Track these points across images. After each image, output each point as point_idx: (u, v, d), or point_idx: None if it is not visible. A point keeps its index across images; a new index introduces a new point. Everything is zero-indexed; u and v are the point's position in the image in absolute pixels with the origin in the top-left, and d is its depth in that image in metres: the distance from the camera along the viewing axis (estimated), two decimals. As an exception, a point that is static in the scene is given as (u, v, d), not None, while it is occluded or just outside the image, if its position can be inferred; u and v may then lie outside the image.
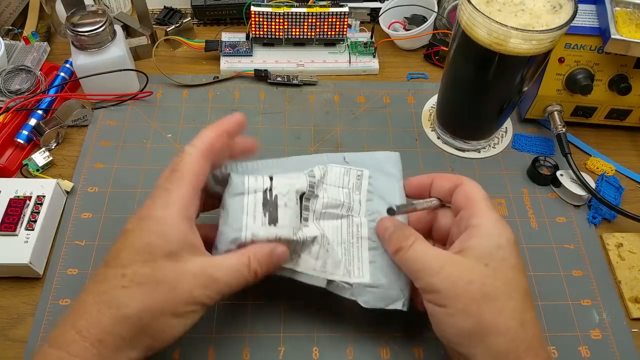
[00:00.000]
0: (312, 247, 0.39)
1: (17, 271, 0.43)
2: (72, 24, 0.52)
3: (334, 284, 0.39)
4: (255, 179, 0.39)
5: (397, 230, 0.37)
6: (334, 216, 0.40)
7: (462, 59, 0.48)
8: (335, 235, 0.40)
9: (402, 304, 0.38)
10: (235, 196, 0.38)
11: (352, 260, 0.39)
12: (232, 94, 0.60)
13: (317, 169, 0.41)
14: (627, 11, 0.49)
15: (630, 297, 0.45)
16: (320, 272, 0.39)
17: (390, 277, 0.38)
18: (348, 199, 0.41)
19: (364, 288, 0.38)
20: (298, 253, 0.38)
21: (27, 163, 0.50)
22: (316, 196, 0.40)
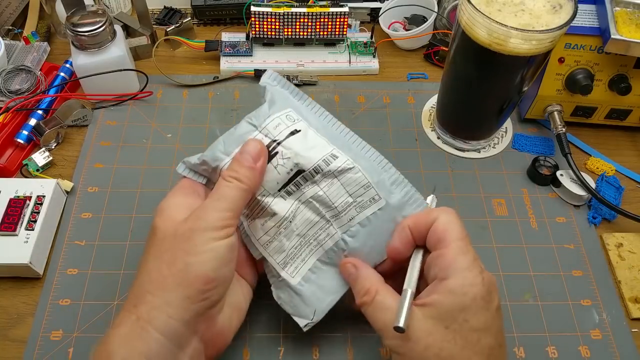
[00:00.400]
0: (268, 221, 0.37)
1: (17, 271, 0.43)
2: (72, 24, 0.52)
3: (267, 263, 0.38)
4: (278, 123, 0.37)
5: (360, 279, 0.36)
6: (315, 211, 0.37)
7: (462, 59, 0.48)
8: (302, 226, 0.37)
9: (305, 325, 0.38)
10: (247, 124, 0.38)
11: (296, 257, 0.38)
12: (232, 94, 0.60)
13: (343, 160, 0.37)
14: (627, 11, 0.49)
15: (630, 297, 0.45)
16: (260, 245, 0.38)
17: (315, 297, 0.38)
18: (342, 209, 0.37)
19: (286, 287, 0.38)
20: (253, 215, 0.37)
21: (27, 163, 0.51)
22: (315, 182, 0.37)
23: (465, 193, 0.52)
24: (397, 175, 0.38)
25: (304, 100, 0.40)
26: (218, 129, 0.56)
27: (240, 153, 0.36)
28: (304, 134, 0.37)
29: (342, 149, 0.38)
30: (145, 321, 0.31)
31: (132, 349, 0.30)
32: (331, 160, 0.37)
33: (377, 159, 0.39)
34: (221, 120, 0.57)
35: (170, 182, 0.51)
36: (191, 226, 0.33)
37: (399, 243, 0.36)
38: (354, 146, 0.39)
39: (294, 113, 0.38)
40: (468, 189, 0.52)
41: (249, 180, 0.35)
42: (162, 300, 0.31)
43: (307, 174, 0.37)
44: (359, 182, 0.37)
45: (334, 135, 0.39)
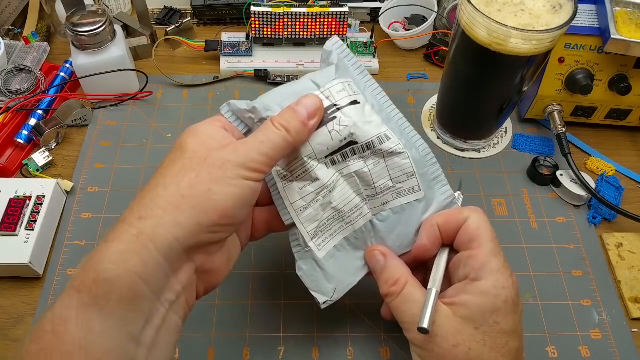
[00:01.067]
0: (307, 186, 0.35)
1: (17, 271, 0.43)
2: (72, 24, 0.52)
3: (294, 231, 0.36)
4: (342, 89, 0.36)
5: (388, 269, 0.35)
6: (355, 187, 0.36)
7: (462, 59, 0.48)
8: (339, 200, 0.36)
9: (324, 302, 0.36)
10: (310, 81, 0.36)
11: (326, 230, 0.36)
12: (232, 94, 0.60)
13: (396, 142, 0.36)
14: (627, 11, 0.49)
15: (630, 297, 0.45)
16: (293, 210, 0.36)
17: (337, 275, 0.37)
18: (381, 191, 0.36)
19: (311, 259, 0.36)
20: (293, 177, 0.35)
21: (27, 163, 0.51)
22: (363, 158, 0.36)
23: (466, 193, 0.52)
24: (440, 172, 0.38)
25: (364, 75, 0.39)
26: (218, 129, 0.56)
27: (296, 104, 0.33)
28: (363, 107, 0.36)
29: (394, 132, 0.37)
30: (148, 238, 0.28)
31: (126, 268, 0.27)
32: (385, 139, 0.36)
33: (425, 151, 0.38)
34: (221, 120, 0.57)
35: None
36: (226, 156, 0.30)
37: (427, 240, 0.36)
38: (405, 132, 0.38)
39: (354, 85, 0.37)
40: (468, 189, 0.52)
41: (296, 135, 0.32)
42: (172, 220, 0.28)
43: (359, 148, 0.35)
44: (404, 169, 0.36)
45: (388, 117, 0.38)
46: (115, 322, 0.26)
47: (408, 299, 0.34)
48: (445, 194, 0.38)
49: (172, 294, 0.29)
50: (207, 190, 0.29)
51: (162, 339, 0.29)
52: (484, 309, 0.31)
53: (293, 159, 0.35)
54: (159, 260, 0.28)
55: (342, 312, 0.43)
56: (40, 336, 0.26)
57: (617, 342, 0.43)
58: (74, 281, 0.27)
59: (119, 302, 0.26)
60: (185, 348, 0.41)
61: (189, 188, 0.29)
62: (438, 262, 0.35)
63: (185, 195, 0.29)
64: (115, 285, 0.26)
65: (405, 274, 0.35)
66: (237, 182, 0.30)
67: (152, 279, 0.28)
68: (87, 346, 0.25)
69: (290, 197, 0.36)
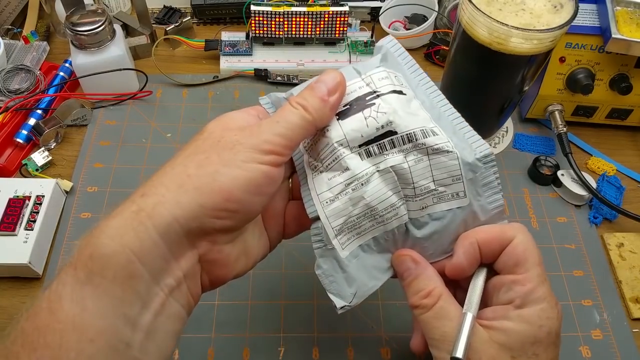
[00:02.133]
0: (337, 177, 0.32)
1: (17, 271, 0.43)
2: (72, 23, 0.52)
3: (318, 224, 0.33)
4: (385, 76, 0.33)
5: (421, 278, 0.32)
6: (392, 184, 0.32)
7: (463, 58, 0.47)
8: (373, 196, 0.32)
9: (341, 307, 0.33)
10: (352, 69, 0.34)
11: (354, 228, 0.33)
12: (232, 93, 0.60)
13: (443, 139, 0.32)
14: (628, 10, 0.49)
15: (631, 297, 0.45)
16: (319, 203, 0.32)
17: (359, 277, 0.33)
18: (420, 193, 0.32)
19: (333, 258, 0.33)
20: (323, 166, 0.32)
21: (26, 163, 0.50)
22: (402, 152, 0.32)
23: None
24: (494, 177, 0.33)
25: (417, 73, 0.36)
26: (218, 128, 0.56)
27: (315, 81, 0.31)
28: (408, 100, 0.33)
29: (445, 130, 0.33)
30: (146, 215, 0.26)
31: (122, 244, 0.25)
32: (430, 134, 0.31)
33: (483, 152, 0.33)
34: (221, 120, 0.56)
35: (170, 181, 0.51)
36: (238, 138, 0.29)
37: (465, 260, 0.32)
38: (460, 132, 0.34)
39: (403, 79, 0.34)
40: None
41: (315, 112, 0.30)
42: (173, 198, 0.27)
43: (398, 139, 0.31)
44: (450, 171, 0.32)
45: (439, 115, 0.34)
46: (110, 301, 0.25)
47: (441, 315, 0.30)
48: (495, 202, 0.33)
49: (172, 279, 0.28)
50: (214, 171, 0.28)
51: (162, 326, 0.27)
52: (525, 338, 0.29)
53: (324, 146, 0.32)
54: (156, 239, 0.26)
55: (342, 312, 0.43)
56: (36, 313, 0.25)
57: (618, 342, 0.43)
58: (72, 257, 0.26)
59: (113, 280, 0.25)
60: (185, 348, 0.41)
61: (196, 169, 0.28)
62: (475, 282, 0.32)
63: (191, 175, 0.28)
64: (111, 261, 0.25)
65: (440, 285, 0.31)
66: (248, 165, 0.28)
67: (149, 258, 0.26)
68: (80, 325, 0.24)
69: (318, 187, 0.32)
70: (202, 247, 0.29)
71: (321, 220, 0.32)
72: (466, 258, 0.32)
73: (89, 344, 0.24)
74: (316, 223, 0.33)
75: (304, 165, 0.34)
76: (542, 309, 0.30)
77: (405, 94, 0.33)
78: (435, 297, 0.31)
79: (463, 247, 0.32)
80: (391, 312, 0.43)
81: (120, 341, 0.25)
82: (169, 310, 0.28)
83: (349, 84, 0.33)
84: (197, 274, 0.30)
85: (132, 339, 0.26)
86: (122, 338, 0.25)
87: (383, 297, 0.44)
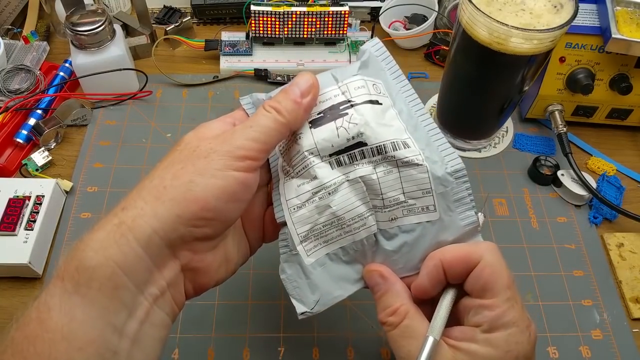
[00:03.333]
0: (304, 185, 0.32)
1: (17, 271, 0.43)
2: (72, 23, 0.52)
3: (285, 231, 0.33)
4: (361, 85, 0.33)
5: (388, 295, 0.32)
6: (360, 195, 0.32)
7: (463, 58, 0.47)
8: (340, 205, 0.32)
9: (303, 313, 0.33)
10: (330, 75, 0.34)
11: (320, 236, 0.33)
12: (231, 93, 0.60)
13: (415, 153, 0.32)
14: (628, 10, 0.49)
15: (631, 297, 0.45)
16: (287, 209, 0.33)
17: (323, 286, 0.33)
18: (389, 204, 0.32)
19: (297, 264, 0.33)
20: (294, 173, 0.33)
21: (26, 163, 0.50)
22: (372, 163, 0.32)
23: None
24: (467, 193, 0.33)
25: (399, 80, 0.36)
26: (218, 128, 0.56)
27: (291, 84, 0.32)
28: (384, 110, 0.33)
29: (419, 142, 0.33)
30: (127, 228, 0.27)
31: (106, 256, 0.26)
32: (401, 146, 0.32)
33: (456, 167, 0.33)
34: (221, 120, 0.56)
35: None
36: (213, 146, 0.30)
37: (428, 282, 0.31)
38: (434, 145, 0.34)
39: (382, 87, 0.34)
40: (468, 188, 0.52)
41: (289, 115, 0.31)
42: (151, 211, 0.28)
43: (368, 150, 0.32)
44: (420, 184, 0.32)
45: (416, 126, 0.34)
46: (97, 311, 0.26)
47: (406, 334, 0.30)
48: (467, 219, 0.32)
49: (156, 289, 0.29)
50: (189, 181, 0.28)
51: (147, 333, 0.28)
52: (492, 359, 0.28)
53: (295, 153, 0.33)
54: (139, 252, 0.27)
55: (342, 312, 0.43)
56: (26, 323, 0.26)
57: (618, 342, 0.43)
58: (59, 269, 0.27)
59: (99, 291, 0.26)
60: (185, 348, 0.41)
61: (172, 180, 0.29)
62: (441, 304, 0.31)
63: (167, 187, 0.28)
64: (96, 273, 0.26)
65: (407, 303, 0.31)
66: (222, 173, 0.29)
67: (132, 270, 0.27)
68: (69, 334, 0.25)
69: (287, 193, 0.33)
70: (184, 257, 0.30)
71: (287, 226, 0.33)
72: (429, 279, 0.31)
73: (78, 353, 0.25)
74: (284, 228, 0.34)
75: (278, 169, 0.34)
76: (510, 333, 0.29)
77: (381, 103, 0.33)
78: (401, 315, 0.31)
79: (427, 268, 0.31)
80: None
81: (107, 349, 0.26)
82: (153, 318, 0.29)
83: (324, 92, 0.33)
84: (180, 282, 0.30)
85: (119, 346, 0.26)
86: (109, 346, 0.26)
87: (383, 297, 0.44)
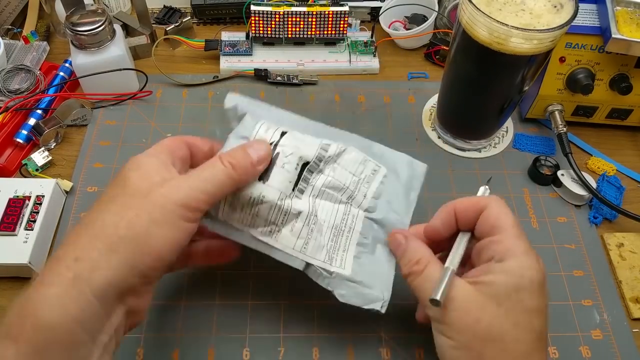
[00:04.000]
0: (296, 224, 0.36)
1: (17, 271, 0.43)
2: (72, 23, 0.52)
3: (312, 269, 0.37)
4: (267, 128, 0.38)
5: (410, 250, 0.36)
6: (332, 199, 0.38)
7: (463, 58, 0.47)
8: (328, 217, 0.37)
9: (381, 306, 0.37)
10: (240, 138, 0.37)
11: (337, 249, 0.37)
12: (232, 93, 0.60)
13: (335, 145, 0.39)
14: (628, 10, 0.49)
15: (631, 297, 0.45)
16: (299, 252, 0.36)
17: (373, 276, 0.37)
18: (354, 188, 0.38)
19: (343, 280, 0.36)
20: (279, 226, 0.36)
21: (26, 163, 0.50)
22: (320, 171, 0.38)
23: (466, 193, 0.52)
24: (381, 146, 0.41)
25: (270, 108, 0.41)
26: (218, 128, 0.56)
27: (248, 146, 0.35)
28: (292, 134, 0.38)
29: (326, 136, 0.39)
30: (84, 282, 0.27)
31: (66, 314, 0.27)
32: (327, 147, 0.38)
33: (361, 139, 0.41)
34: (221, 120, 0.56)
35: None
36: (167, 194, 0.30)
37: (441, 224, 0.36)
38: (334, 134, 0.41)
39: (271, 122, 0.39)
40: (469, 189, 0.52)
41: (243, 174, 0.33)
42: (106, 263, 0.28)
43: (312, 165, 0.37)
44: (356, 160, 0.39)
45: (315, 131, 0.40)
46: None
47: (429, 279, 0.34)
48: (401, 157, 0.41)
49: (106, 337, 0.29)
50: (145, 232, 0.29)
51: None
52: (509, 287, 0.31)
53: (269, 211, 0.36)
54: (94, 304, 0.28)
55: (342, 312, 0.43)
56: None
57: (618, 342, 0.43)
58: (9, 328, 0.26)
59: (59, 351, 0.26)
60: (185, 348, 0.41)
61: (127, 229, 0.29)
62: (458, 244, 0.35)
63: (122, 237, 0.29)
64: (56, 332, 0.26)
65: (427, 254, 0.35)
66: (178, 223, 0.31)
67: (89, 323, 0.28)
68: None
69: (289, 243, 0.36)
70: (129, 302, 0.31)
71: (312, 264, 0.36)
72: (441, 222, 0.36)
73: None
74: (309, 269, 0.37)
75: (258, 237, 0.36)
76: (522, 260, 0.32)
77: (286, 131, 0.38)
78: (423, 264, 0.34)
79: (441, 214, 0.36)
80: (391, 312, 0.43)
81: None
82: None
83: None
84: (122, 325, 0.31)
85: None
86: None
87: (383, 297, 0.44)
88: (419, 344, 0.42)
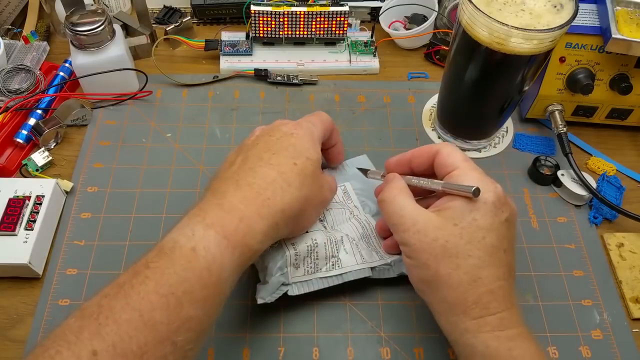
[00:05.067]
0: (345, 246, 0.42)
1: (17, 271, 0.43)
2: (72, 23, 0.52)
3: (376, 270, 0.42)
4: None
5: (387, 181, 0.41)
6: (343, 219, 0.45)
7: (463, 58, 0.47)
8: (354, 231, 0.44)
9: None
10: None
11: (377, 247, 0.44)
12: (232, 93, 0.59)
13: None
14: (628, 10, 0.49)
15: (631, 297, 0.45)
16: (362, 264, 0.42)
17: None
18: (344, 207, 0.46)
19: (399, 262, 0.43)
20: (336, 256, 0.42)
21: (26, 163, 0.50)
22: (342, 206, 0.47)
23: (466, 193, 0.52)
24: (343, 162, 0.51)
25: None
26: (218, 128, 0.56)
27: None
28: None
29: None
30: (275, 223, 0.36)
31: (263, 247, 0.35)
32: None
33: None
34: (221, 120, 0.56)
35: (169, 181, 0.51)
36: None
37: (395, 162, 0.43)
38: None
39: None
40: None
41: None
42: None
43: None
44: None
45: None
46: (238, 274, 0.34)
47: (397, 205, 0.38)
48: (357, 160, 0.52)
49: None
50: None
51: None
52: (464, 209, 0.35)
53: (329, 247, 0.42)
54: None
55: (342, 312, 0.43)
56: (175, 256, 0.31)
57: (618, 342, 0.43)
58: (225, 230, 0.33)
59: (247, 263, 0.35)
60: (185, 348, 0.41)
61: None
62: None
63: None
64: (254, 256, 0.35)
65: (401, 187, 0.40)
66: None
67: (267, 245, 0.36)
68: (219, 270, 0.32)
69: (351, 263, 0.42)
70: None
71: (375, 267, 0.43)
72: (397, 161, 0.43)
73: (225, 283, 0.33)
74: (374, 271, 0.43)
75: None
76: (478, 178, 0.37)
77: None
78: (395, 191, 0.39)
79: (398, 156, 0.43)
80: (391, 312, 0.43)
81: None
82: None
83: None
84: None
85: None
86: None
87: (383, 298, 0.44)
88: (419, 344, 0.42)
